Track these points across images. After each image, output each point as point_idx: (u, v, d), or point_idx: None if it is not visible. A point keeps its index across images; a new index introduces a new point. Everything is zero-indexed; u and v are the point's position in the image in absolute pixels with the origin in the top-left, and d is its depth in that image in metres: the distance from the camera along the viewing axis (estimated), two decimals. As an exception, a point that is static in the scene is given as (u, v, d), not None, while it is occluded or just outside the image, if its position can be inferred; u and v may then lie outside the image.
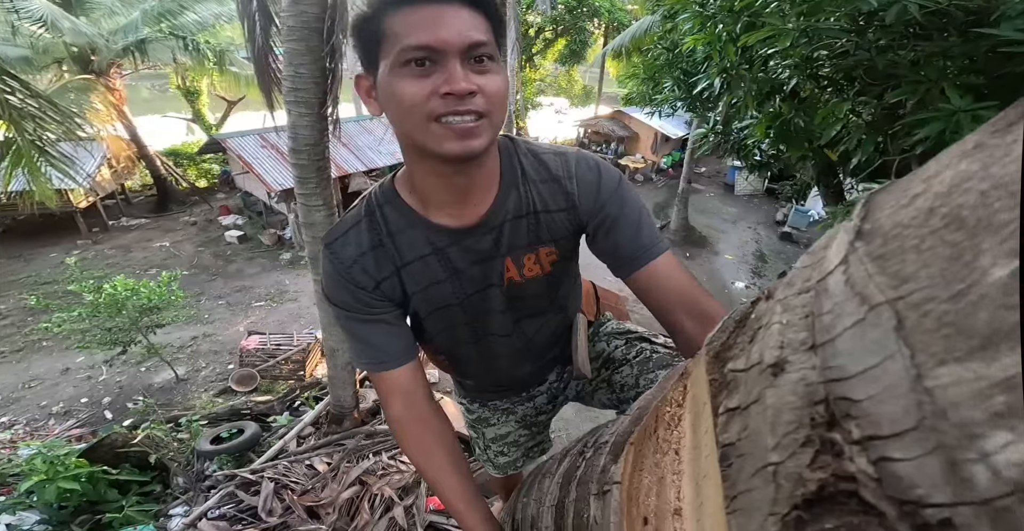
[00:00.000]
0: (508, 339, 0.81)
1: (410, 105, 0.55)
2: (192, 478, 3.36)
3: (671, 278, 0.70)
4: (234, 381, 5.09)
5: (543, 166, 0.71)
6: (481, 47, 0.56)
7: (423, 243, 0.68)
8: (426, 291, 0.72)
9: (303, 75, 2.33)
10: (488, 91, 0.56)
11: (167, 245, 8.95)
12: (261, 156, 8.02)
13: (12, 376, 5.30)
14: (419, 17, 0.54)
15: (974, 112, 1.87)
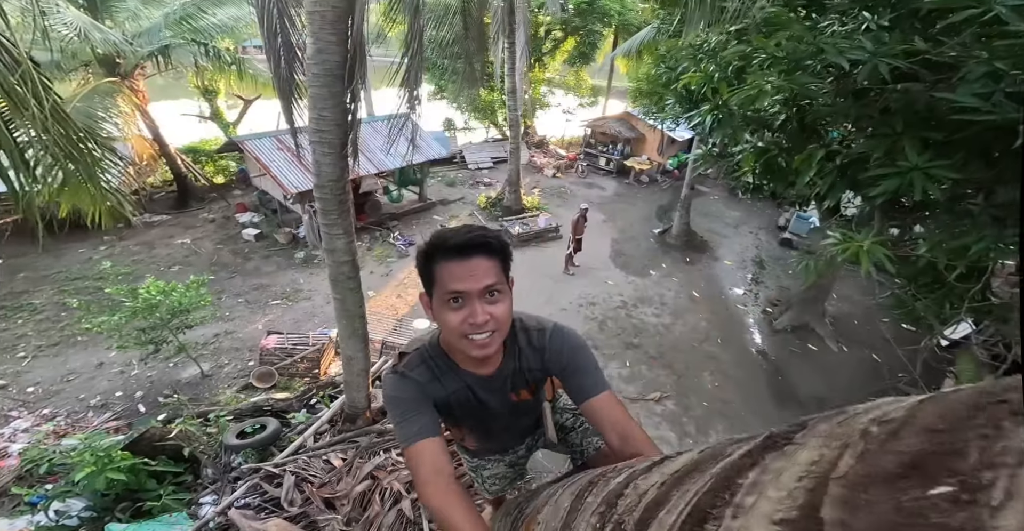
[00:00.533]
0: (507, 426, 1.32)
1: (452, 328, 0.94)
2: (220, 470, 3.71)
3: (609, 408, 1.04)
4: (255, 378, 5.45)
5: (530, 339, 1.13)
6: (493, 286, 0.93)
7: (459, 382, 1.12)
8: (462, 405, 1.16)
9: (326, 118, 2.59)
10: (497, 316, 0.95)
11: (188, 242, 9.32)
12: (277, 158, 8.30)
13: (51, 370, 5.71)
14: (455, 270, 0.92)
15: (927, 170, 2.10)
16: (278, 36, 2.97)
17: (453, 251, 0.91)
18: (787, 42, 2.45)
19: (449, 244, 0.92)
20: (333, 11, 2.41)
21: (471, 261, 0.91)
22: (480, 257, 0.91)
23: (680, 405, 6.02)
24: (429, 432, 1.03)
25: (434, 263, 0.93)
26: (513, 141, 9.88)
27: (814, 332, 7.45)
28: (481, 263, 0.91)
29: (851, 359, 7.00)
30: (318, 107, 2.58)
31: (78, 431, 4.34)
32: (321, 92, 2.57)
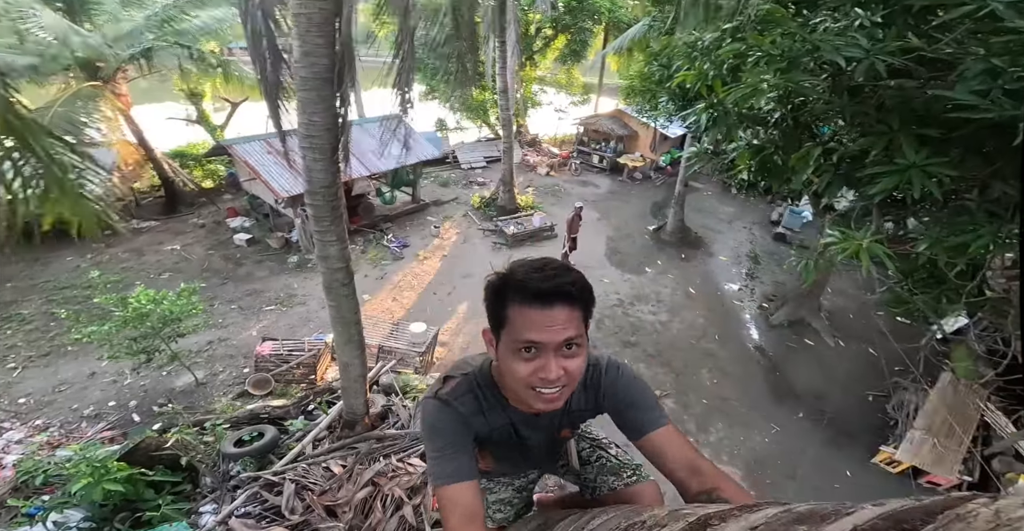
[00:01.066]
0: (534, 458, 1.28)
1: (518, 377, 0.86)
2: (219, 478, 3.66)
3: (673, 443, 0.97)
4: (250, 385, 5.38)
5: (583, 378, 1.02)
6: (572, 340, 0.83)
7: (504, 419, 1.06)
8: (501, 441, 1.11)
9: (316, 123, 2.54)
10: (571, 370, 0.85)
11: (178, 248, 9.19)
12: (267, 162, 8.20)
13: (42, 380, 5.61)
14: (533, 318, 0.81)
15: (925, 167, 2.09)
16: (263, 39, 2.89)
17: (532, 297, 0.81)
18: (782, 40, 2.44)
19: (529, 289, 0.81)
20: (320, 13, 2.36)
21: (552, 311, 0.80)
22: (563, 306, 0.81)
23: (680, 403, 6.02)
24: (466, 475, 0.97)
25: (507, 304, 0.83)
26: (506, 140, 9.84)
27: (810, 327, 7.49)
28: (563, 313, 0.81)
29: (847, 353, 7.05)
30: (307, 111, 2.53)
31: (72, 442, 4.27)
32: (310, 96, 2.52)
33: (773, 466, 5.14)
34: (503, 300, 0.84)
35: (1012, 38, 1.88)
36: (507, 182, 10.37)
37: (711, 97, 3.02)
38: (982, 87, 1.89)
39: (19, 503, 3.06)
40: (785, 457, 5.25)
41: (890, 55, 2.12)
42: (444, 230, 10.03)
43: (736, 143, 3.44)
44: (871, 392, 6.16)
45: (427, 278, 8.41)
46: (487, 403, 1.03)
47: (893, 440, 5.18)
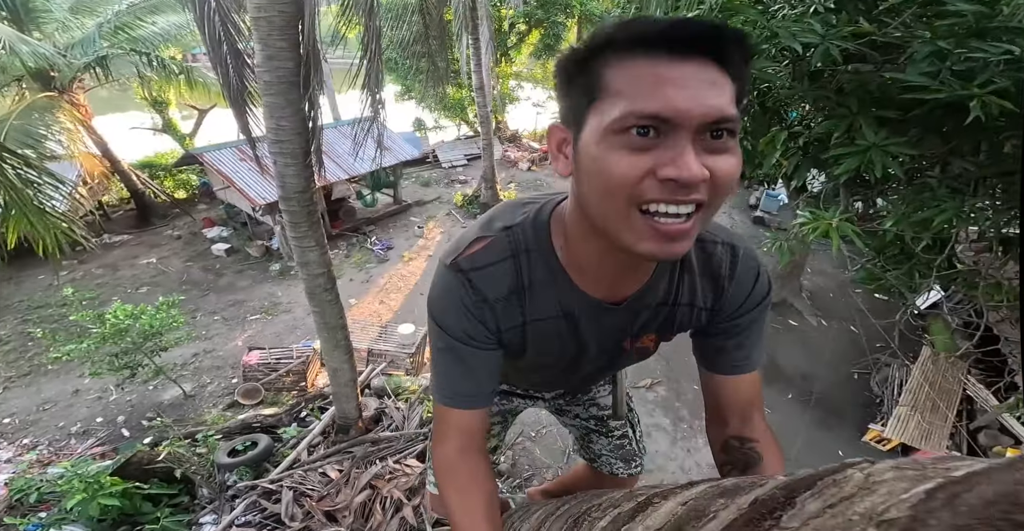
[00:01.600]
0: (570, 375, 0.85)
1: (618, 184, 0.47)
2: (216, 489, 3.64)
3: (748, 392, 0.75)
4: (240, 395, 5.33)
5: (708, 259, 0.68)
6: (727, 122, 0.46)
7: (556, 304, 0.66)
8: (541, 343, 0.71)
9: (285, 128, 2.52)
10: (720, 176, 0.47)
11: (154, 261, 9.00)
12: (241, 170, 8.05)
13: (25, 399, 5.49)
14: (653, 75, 0.45)
15: (885, 147, 2.17)
16: (223, 43, 2.84)
17: (651, 42, 0.46)
18: (743, 27, 2.49)
19: (643, 30, 0.46)
20: (281, 16, 2.34)
21: (691, 64, 0.46)
22: (709, 62, 0.46)
23: (672, 390, 6.14)
24: (477, 399, 0.71)
25: (605, 63, 0.48)
26: (485, 138, 9.83)
27: (793, 308, 7.68)
28: (705, 73, 0.46)
29: (830, 332, 7.25)
30: (275, 117, 2.51)
31: (63, 459, 4.21)
32: (277, 101, 2.49)
33: None
34: (598, 60, 0.48)
35: (956, 21, 1.97)
36: (489, 179, 10.37)
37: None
38: (931, 69, 1.97)
39: (16, 521, 3.02)
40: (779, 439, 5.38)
41: (843, 40, 2.19)
42: (428, 230, 9.99)
43: (708, 130, 3.51)
44: (856, 370, 6.36)
45: (413, 279, 8.38)
46: (532, 275, 0.65)
47: (880, 417, 5.34)
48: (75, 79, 8.40)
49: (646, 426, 5.30)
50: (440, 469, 0.73)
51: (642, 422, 1.25)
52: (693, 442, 5.18)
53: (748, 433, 0.74)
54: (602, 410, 1.16)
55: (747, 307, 0.70)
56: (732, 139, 0.47)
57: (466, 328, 0.66)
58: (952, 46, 1.95)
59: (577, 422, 1.20)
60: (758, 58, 2.49)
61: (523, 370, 0.87)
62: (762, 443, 0.73)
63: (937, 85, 1.92)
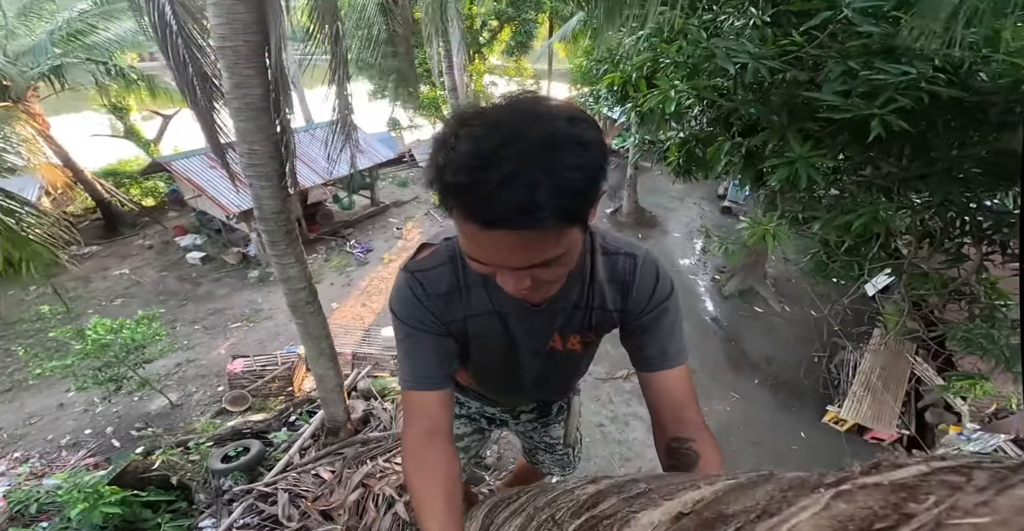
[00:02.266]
0: (522, 381, 0.97)
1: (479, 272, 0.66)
2: (212, 494, 3.77)
3: (675, 388, 0.80)
4: (228, 402, 5.42)
5: (613, 267, 0.79)
6: (542, 264, 0.57)
7: (489, 302, 0.79)
8: (481, 337, 0.83)
9: (258, 152, 2.60)
10: (546, 280, 0.62)
11: (127, 272, 8.87)
12: (212, 177, 7.98)
13: (10, 415, 5.51)
14: (474, 235, 0.55)
15: (810, 159, 2.43)
16: (188, 66, 2.89)
17: (473, 214, 0.53)
18: (687, 46, 2.70)
19: (468, 205, 0.53)
20: (246, 45, 2.41)
21: (506, 236, 0.53)
22: (525, 232, 0.53)
23: (644, 377, 6.44)
24: (434, 380, 0.80)
25: (447, 195, 0.55)
26: (458, 137, 9.90)
27: (759, 295, 8.08)
28: (527, 238, 0.54)
29: (792, 318, 7.67)
30: (247, 141, 2.59)
31: (56, 471, 4.27)
32: (248, 126, 2.56)
33: (736, 433, 5.62)
34: (446, 195, 0.55)
35: (864, 42, 2.21)
36: (464, 177, 10.46)
37: (636, 97, 3.29)
38: (844, 87, 2.21)
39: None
40: (746, 424, 5.75)
41: (772, 59, 2.42)
42: (407, 231, 10.08)
43: (666, 135, 3.74)
44: (815, 353, 6.78)
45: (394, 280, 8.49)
46: (467, 278, 0.78)
47: (838, 399, 5.69)
48: (29, 88, 8.15)
49: (624, 415, 5.59)
50: (407, 451, 0.78)
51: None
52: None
53: (684, 432, 0.77)
54: (554, 439, 1.36)
55: (653, 304, 0.80)
56: (563, 257, 0.59)
57: (417, 316, 0.79)
58: (860, 66, 2.19)
59: (531, 442, 1.42)
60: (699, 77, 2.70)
61: (478, 375, 1.00)
62: (698, 442, 0.75)
63: (847, 105, 2.16)
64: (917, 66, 2.07)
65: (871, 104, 2.10)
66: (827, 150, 2.45)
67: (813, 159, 2.40)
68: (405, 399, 0.82)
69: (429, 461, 0.77)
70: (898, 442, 5.04)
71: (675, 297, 0.82)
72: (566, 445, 1.27)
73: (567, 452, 1.40)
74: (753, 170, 2.94)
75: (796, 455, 5.30)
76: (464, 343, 0.85)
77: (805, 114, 2.58)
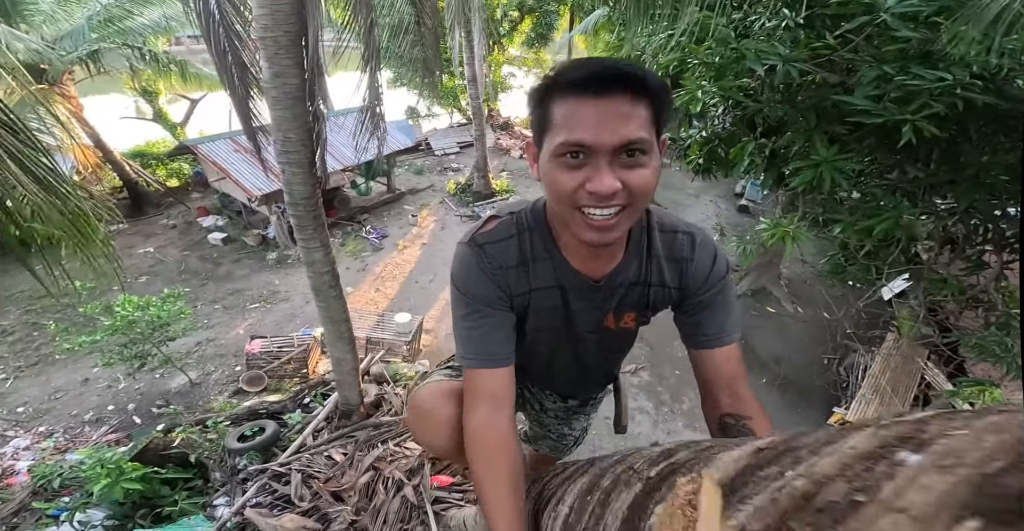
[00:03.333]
0: (571, 361, 0.99)
1: (560, 193, 0.66)
2: (227, 473, 3.92)
3: (730, 364, 0.83)
4: (244, 382, 5.59)
5: (671, 244, 0.82)
6: (635, 144, 0.61)
7: (553, 276, 0.81)
8: (541, 314, 0.85)
9: (292, 139, 2.69)
10: (634, 186, 0.63)
11: (151, 251, 9.11)
12: (236, 161, 8.13)
13: (36, 389, 5.71)
14: (580, 112, 0.62)
15: (835, 162, 2.41)
16: (227, 55, 2.98)
17: (581, 83, 0.62)
18: (715, 47, 2.68)
19: (578, 74, 0.62)
20: (286, 36, 2.48)
21: (606, 100, 0.61)
22: (622, 96, 0.61)
23: (655, 375, 6.48)
24: (500, 357, 0.81)
25: (552, 100, 0.65)
26: (477, 128, 9.92)
27: (771, 295, 8.01)
28: (622, 104, 0.61)
29: (805, 319, 7.61)
30: (282, 129, 2.68)
31: (79, 446, 4.46)
32: (284, 114, 2.66)
33: None
34: (549, 96, 0.65)
35: (901, 46, 2.18)
36: (481, 168, 10.49)
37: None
38: (876, 92, 2.19)
39: (43, 505, 3.27)
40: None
41: (804, 62, 2.40)
42: (422, 218, 10.16)
43: (688, 133, 3.72)
44: (826, 355, 6.73)
45: (408, 267, 8.60)
46: (534, 251, 0.80)
47: (845, 401, 5.67)
48: (66, 72, 8.36)
49: (630, 409, 5.64)
50: (469, 438, 0.79)
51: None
52: (673, 424, 5.54)
53: (740, 410, 0.79)
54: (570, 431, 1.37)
55: (710, 283, 0.82)
56: (645, 155, 0.63)
57: (484, 292, 0.80)
58: (896, 70, 2.16)
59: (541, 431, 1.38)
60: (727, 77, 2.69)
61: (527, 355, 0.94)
62: (755, 419, 0.77)
63: (879, 109, 2.14)
64: (954, 72, 2.04)
65: (904, 109, 2.08)
66: (853, 153, 2.43)
67: (839, 162, 2.38)
68: (469, 377, 0.82)
69: (493, 450, 0.78)
70: None
71: (731, 276, 0.85)
72: (619, 429, 1.20)
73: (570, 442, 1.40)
74: (776, 171, 2.92)
75: (802, 457, 5.28)
76: (522, 318, 0.86)
77: (833, 117, 2.56)
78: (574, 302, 0.84)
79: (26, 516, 3.37)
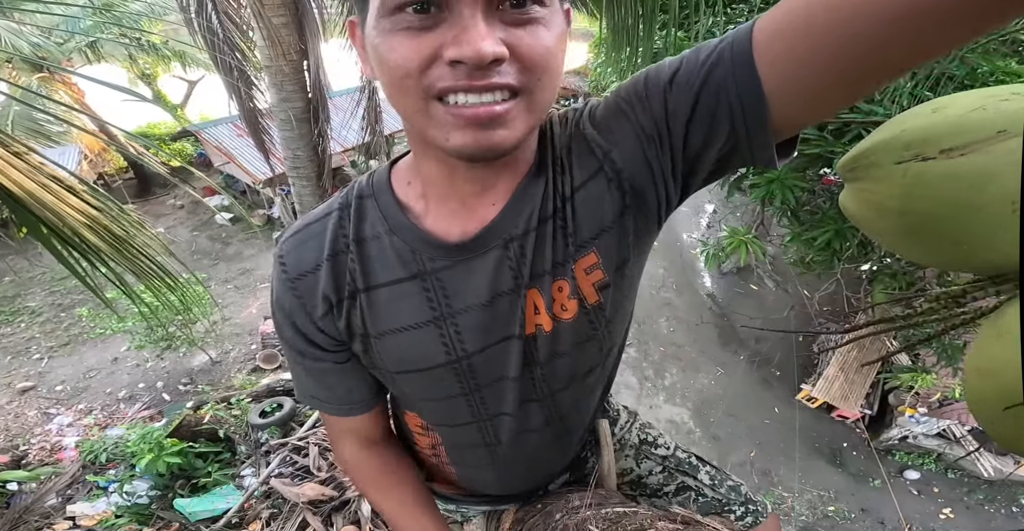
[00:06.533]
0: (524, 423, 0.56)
1: (402, 75, 0.36)
2: (252, 446, 4.43)
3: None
4: (261, 360, 6.08)
5: (564, 123, 0.48)
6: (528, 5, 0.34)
7: (402, 259, 0.48)
8: (398, 336, 0.49)
9: (300, 157, 2.98)
10: (525, 52, 0.35)
11: (162, 231, 9.43)
12: (239, 145, 8.30)
13: (70, 368, 6.23)
14: None
15: (785, 181, 2.70)
16: (233, 70, 3.20)
17: None
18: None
19: None
20: (289, 64, 2.73)
21: None
22: None
23: (640, 351, 6.93)
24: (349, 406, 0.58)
25: None
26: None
27: (755, 273, 8.35)
28: None
29: (785, 296, 7.97)
30: (291, 148, 2.96)
31: (116, 422, 4.98)
32: (291, 135, 2.93)
33: (717, 405, 6.09)
34: None
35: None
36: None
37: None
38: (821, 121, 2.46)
39: (94, 479, 3.79)
40: (726, 397, 6.22)
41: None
42: (421, 198, 10.36)
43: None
44: (801, 331, 7.15)
45: (410, 247, 8.92)
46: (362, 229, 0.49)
47: (814, 378, 6.06)
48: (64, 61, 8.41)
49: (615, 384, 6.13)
50: (350, 474, 0.63)
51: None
52: (655, 399, 6.03)
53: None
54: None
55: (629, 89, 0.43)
56: (541, 6, 0.36)
57: (297, 326, 0.52)
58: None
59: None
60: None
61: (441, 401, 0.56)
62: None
63: (818, 138, 2.41)
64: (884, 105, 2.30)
65: (839, 142, 2.35)
66: (803, 173, 2.71)
67: (788, 181, 2.68)
68: (323, 417, 0.62)
69: (379, 475, 0.63)
70: (860, 421, 5.48)
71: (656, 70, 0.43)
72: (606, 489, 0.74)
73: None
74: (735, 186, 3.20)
75: (767, 428, 5.82)
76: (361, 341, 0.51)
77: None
78: (455, 295, 0.48)
79: (79, 487, 3.89)
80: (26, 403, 5.66)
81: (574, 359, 0.52)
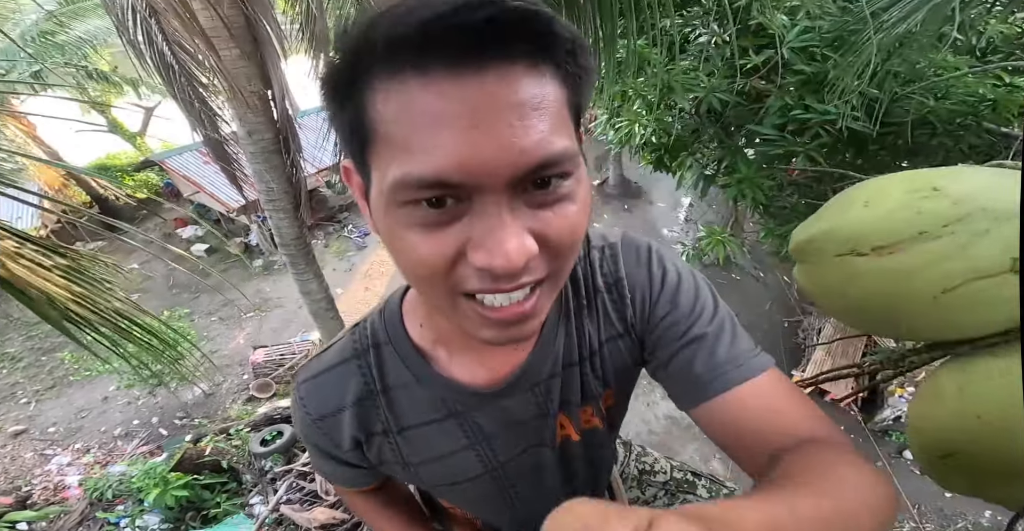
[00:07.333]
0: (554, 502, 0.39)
1: (427, 273, 0.34)
2: (257, 474, 4.40)
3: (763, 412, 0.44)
4: (255, 390, 6.01)
5: (591, 273, 0.50)
6: (551, 164, 0.31)
7: (434, 405, 0.50)
8: (436, 462, 0.53)
9: (274, 189, 2.96)
10: (555, 239, 0.33)
11: (136, 267, 9.19)
12: (208, 173, 8.16)
13: (60, 410, 6.09)
14: (426, 107, 0.29)
15: (754, 180, 2.81)
16: (194, 103, 3.12)
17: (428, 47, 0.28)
18: (653, 78, 2.99)
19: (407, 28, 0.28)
20: (251, 96, 2.70)
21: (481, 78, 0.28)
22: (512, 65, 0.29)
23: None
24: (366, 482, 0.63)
25: (366, 81, 0.30)
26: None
27: (736, 263, 8.55)
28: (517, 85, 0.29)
29: (766, 285, 8.20)
30: (264, 180, 2.94)
31: (116, 459, 4.90)
32: (263, 167, 2.90)
33: None
34: (361, 79, 0.31)
35: (799, 78, 2.52)
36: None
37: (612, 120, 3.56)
38: (781, 120, 2.56)
39: (104, 515, 3.74)
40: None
41: (724, 92, 2.73)
42: (400, 211, 10.33)
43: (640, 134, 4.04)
44: (787, 319, 7.36)
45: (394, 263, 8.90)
46: (386, 379, 0.51)
47: (804, 363, 6.12)
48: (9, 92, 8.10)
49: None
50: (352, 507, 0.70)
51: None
52: (652, 397, 6.13)
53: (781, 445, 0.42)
54: None
55: (666, 297, 0.49)
56: (569, 180, 0.32)
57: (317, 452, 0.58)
58: (795, 102, 2.52)
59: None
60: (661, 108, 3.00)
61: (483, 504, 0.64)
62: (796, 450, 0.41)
63: (781, 138, 2.52)
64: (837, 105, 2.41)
65: (799, 140, 2.47)
66: (770, 170, 2.82)
67: (756, 180, 2.78)
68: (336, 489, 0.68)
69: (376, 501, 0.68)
70: (852, 402, 5.61)
71: (693, 282, 0.51)
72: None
73: None
74: (709, 184, 3.31)
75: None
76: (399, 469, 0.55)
77: (755, 138, 2.93)
78: (488, 425, 0.52)
79: (89, 524, 3.84)
80: (21, 446, 5.55)
81: (591, 455, 0.62)
